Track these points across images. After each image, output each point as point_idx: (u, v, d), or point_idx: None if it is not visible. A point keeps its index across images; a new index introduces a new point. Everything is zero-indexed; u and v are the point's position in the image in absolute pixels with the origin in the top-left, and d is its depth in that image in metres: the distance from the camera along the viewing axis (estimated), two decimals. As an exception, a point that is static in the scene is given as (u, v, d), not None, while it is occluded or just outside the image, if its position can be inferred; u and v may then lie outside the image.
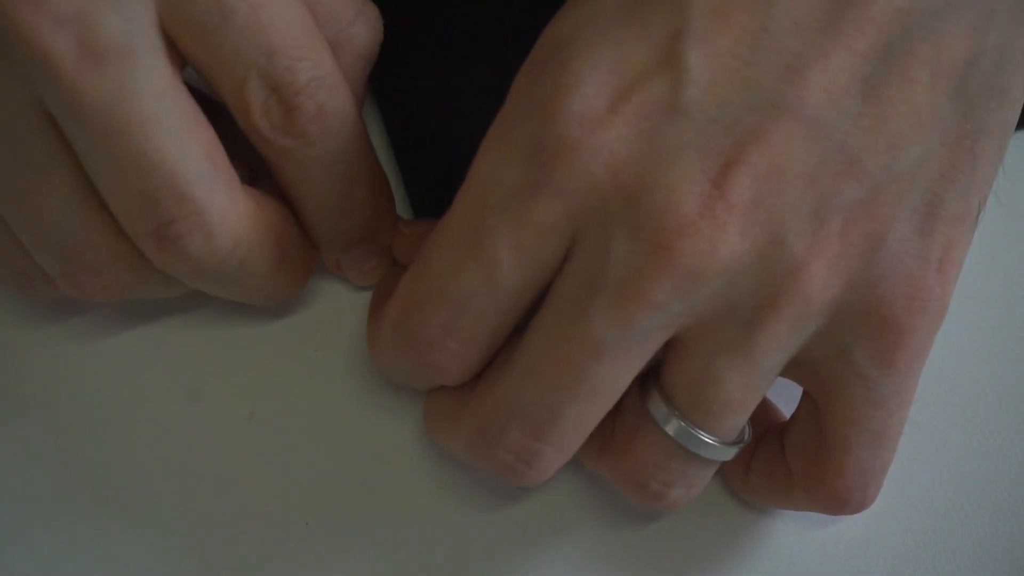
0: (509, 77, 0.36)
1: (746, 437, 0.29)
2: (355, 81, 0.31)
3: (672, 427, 0.27)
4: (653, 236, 0.25)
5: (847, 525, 0.32)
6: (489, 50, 0.36)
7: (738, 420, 0.28)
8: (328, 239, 0.32)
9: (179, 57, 0.28)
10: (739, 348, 0.26)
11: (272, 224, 0.30)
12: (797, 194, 0.25)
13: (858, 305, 0.26)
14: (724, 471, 0.31)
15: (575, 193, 0.25)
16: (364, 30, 0.31)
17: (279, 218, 0.30)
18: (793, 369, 0.28)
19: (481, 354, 0.27)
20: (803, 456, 0.29)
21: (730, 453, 0.28)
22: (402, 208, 0.35)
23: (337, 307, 0.34)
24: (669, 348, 0.27)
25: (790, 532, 0.32)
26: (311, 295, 0.34)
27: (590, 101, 0.25)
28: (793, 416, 0.30)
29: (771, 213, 0.25)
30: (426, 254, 0.27)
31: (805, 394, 0.29)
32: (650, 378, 0.28)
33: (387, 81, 0.36)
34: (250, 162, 0.31)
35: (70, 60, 0.26)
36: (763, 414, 0.31)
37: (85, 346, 0.33)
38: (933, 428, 0.33)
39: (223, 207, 0.28)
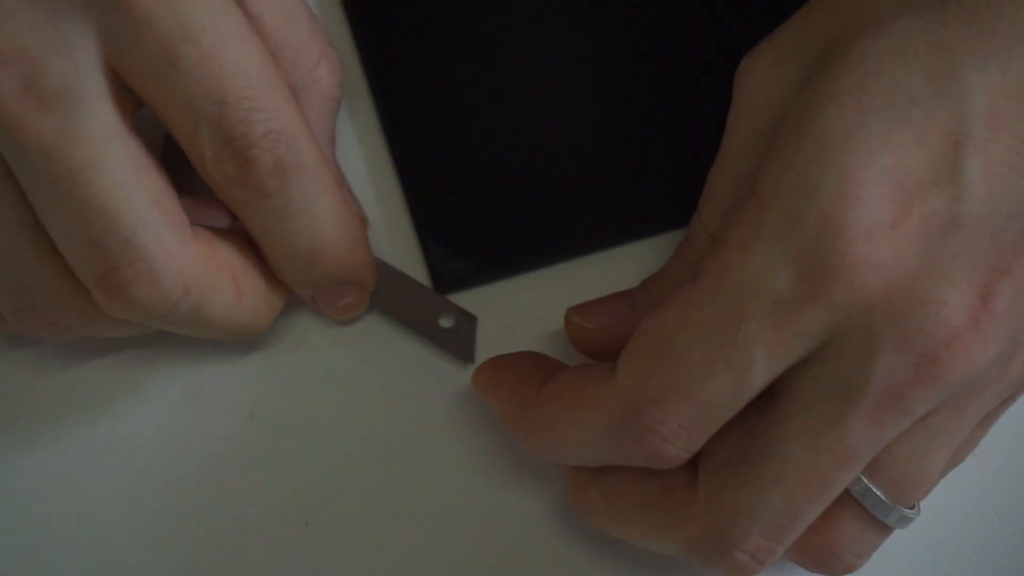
0: (509, 76, 0.36)
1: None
2: (323, 124, 0.31)
3: (876, 506, 0.28)
4: (921, 349, 0.25)
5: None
6: (489, 50, 0.36)
7: (928, 491, 0.28)
8: (296, 284, 0.32)
9: (133, 99, 0.27)
10: (948, 430, 0.27)
11: (228, 266, 0.29)
12: None
13: None
14: None
15: (845, 308, 0.25)
16: (328, 72, 0.31)
17: (237, 260, 0.30)
18: None
19: (696, 449, 0.27)
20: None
21: (914, 517, 0.28)
22: (400, 202, 0.35)
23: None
24: None
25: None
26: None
27: (873, 216, 0.24)
28: None
29: (1020, 317, 0.25)
30: (657, 348, 0.26)
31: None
32: None
33: (386, 80, 0.36)
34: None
35: (13, 102, 0.26)
36: None
37: (85, 347, 0.33)
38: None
39: (170, 252, 0.28)
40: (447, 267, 0.34)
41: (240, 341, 0.32)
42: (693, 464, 0.28)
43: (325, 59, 0.31)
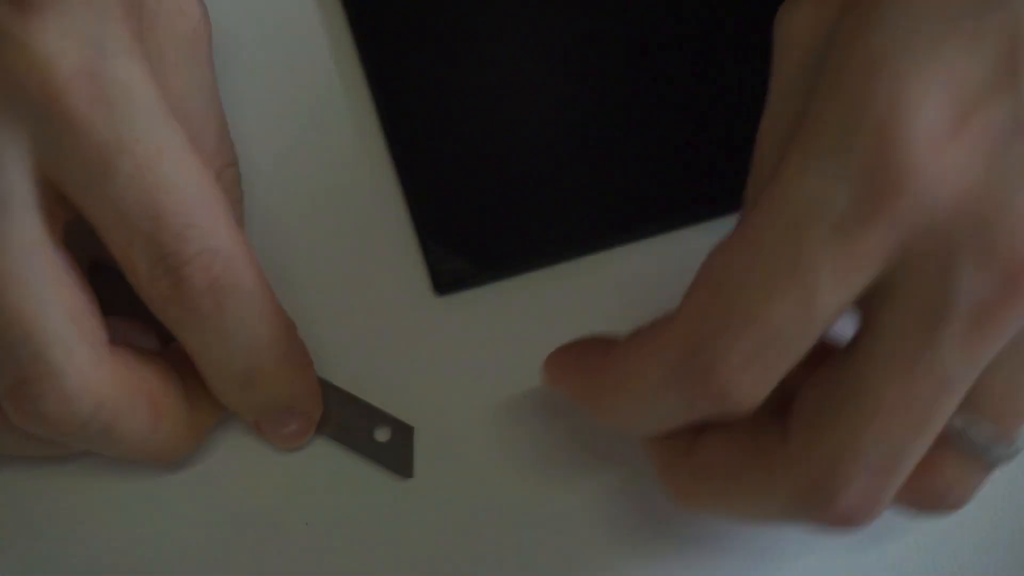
0: (509, 76, 0.36)
1: None
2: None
3: (978, 440, 0.26)
4: (1005, 261, 0.23)
5: (847, 525, 0.32)
6: (490, 50, 0.36)
7: None
8: (236, 408, 0.31)
9: (68, 208, 0.27)
10: None
11: (146, 388, 0.29)
12: None
13: None
14: None
15: (913, 222, 0.23)
16: (228, 194, 0.30)
17: (157, 382, 0.29)
18: None
19: (768, 392, 0.25)
20: None
21: (1017, 453, 0.27)
22: (400, 202, 0.35)
23: (337, 308, 0.34)
24: None
25: (790, 533, 0.32)
26: (312, 298, 0.34)
27: (933, 124, 0.23)
28: None
29: None
30: (719, 280, 0.25)
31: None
32: None
33: (386, 80, 0.36)
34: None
35: None
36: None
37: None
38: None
39: (81, 370, 0.27)
40: (447, 267, 0.34)
41: (162, 464, 0.31)
42: (784, 423, 0.27)
43: (224, 181, 0.31)
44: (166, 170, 0.26)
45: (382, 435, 0.32)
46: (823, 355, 0.26)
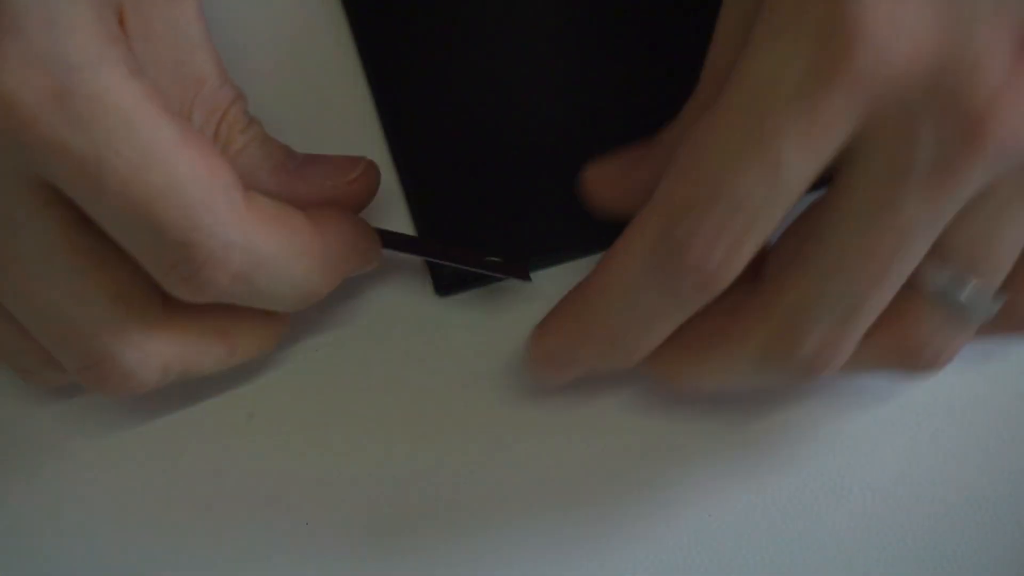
0: (510, 77, 0.36)
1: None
2: (253, 157, 0.30)
3: (947, 287, 0.27)
4: (964, 113, 0.24)
5: (847, 525, 0.32)
6: (490, 50, 0.36)
7: (1006, 273, 0.27)
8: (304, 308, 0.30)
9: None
10: (1012, 207, 0.26)
11: (213, 327, 0.29)
12: None
13: None
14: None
15: (872, 80, 0.24)
16: (236, 116, 0.30)
17: (223, 317, 0.29)
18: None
19: (744, 263, 0.26)
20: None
21: (996, 308, 0.28)
22: (398, 201, 0.35)
23: (338, 308, 0.34)
24: None
25: (790, 534, 0.32)
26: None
27: None
28: None
29: None
30: (690, 157, 0.26)
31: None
32: None
33: (386, 80, 0.36)
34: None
35: None
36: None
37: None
38: (933, 428, 0.33)
39: (138, 345, 0.27)
40: (447, 267, 0.34)
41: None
42: (754, 287, 0.27)
43: (232, 108, 0.30)
44: (155, 178, 0.25)
45: (495, 257, 0.33)
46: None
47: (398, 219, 0.35)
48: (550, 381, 0.31)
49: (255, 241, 0.27)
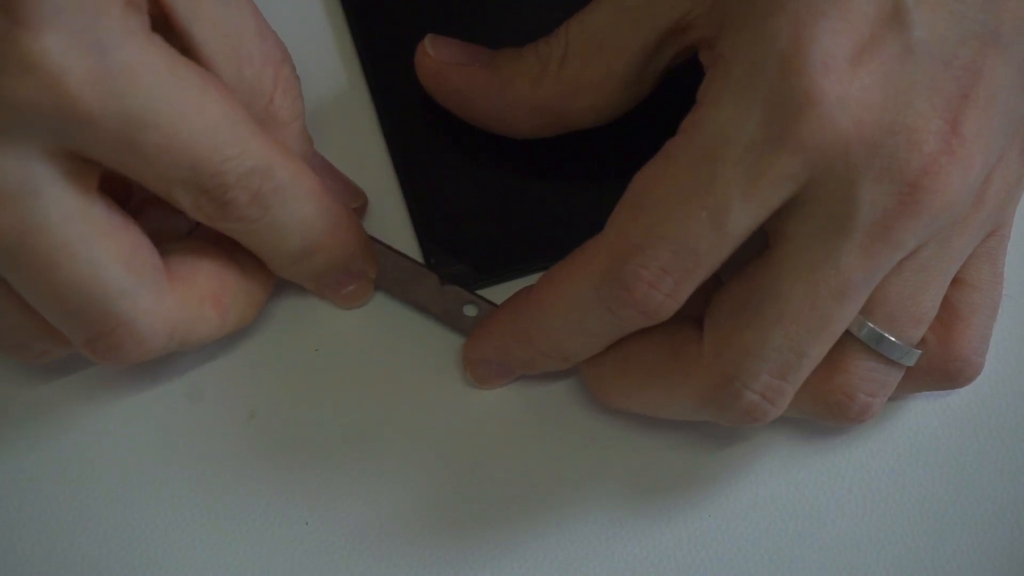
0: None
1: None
2: (295, 143, 0.31)
3: (878, 341, 0.28)
4: (901, 177, 0.26)
5: (847, 524, 0.32)
6: (486, 37, 0.36)
7: (927, 326, 0.29)
8: (297, 279, 0.32)
9: (96, 163, 0.27)
10: (938, 264, 0.28)
11: (208, 293, 0.30)
12: (1003, 120, 0.27)
13: None
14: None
15: (817, 146, 0.25)
16: (285, 99, 0.31)
17: (215, 281, 0.30)
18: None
19: (685, 299, 0.28)
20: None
21: (916, 356, 0.29)
22: (397, 199, 0.35)
23: (338, 308, 0.34)
24: None
25: (790, 534, 0.32)
26: (311, 295, 0.34)
27: (830, 53, 0.25)
28: None
29: (988, 140, 0.27)
30: (638, 201, 0.27)
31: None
32: None
33: (386, 80, 0.36)
34: None
35: None
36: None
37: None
38: (933, 428, 0.33)
39: (149, 311, 0.28)
40: (447, 270, 0.34)
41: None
42: (701, 327, 0.29)
43: (280, 86, 0.31)
44: (193, 126, 0.27)
45: (471, 310, 0.33)
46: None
47: (398, 219, 0.35)
48: (487, 383, 0.33)
49: (273, 166, 0.29)
